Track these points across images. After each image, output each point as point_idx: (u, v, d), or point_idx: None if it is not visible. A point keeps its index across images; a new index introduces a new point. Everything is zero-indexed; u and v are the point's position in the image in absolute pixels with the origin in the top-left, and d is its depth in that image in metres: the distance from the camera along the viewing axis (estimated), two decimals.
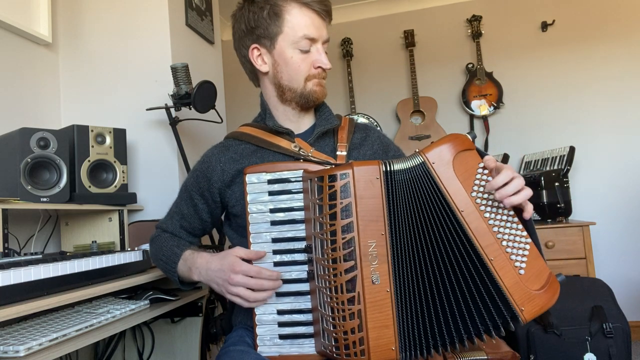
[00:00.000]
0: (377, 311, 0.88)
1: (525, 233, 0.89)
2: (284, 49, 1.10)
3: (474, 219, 0.88)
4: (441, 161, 0.90)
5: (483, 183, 0.90)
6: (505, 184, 0.87)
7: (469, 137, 0.94)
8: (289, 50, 1.10)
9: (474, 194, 0.89)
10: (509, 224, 0.90)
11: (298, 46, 1.09)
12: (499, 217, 0.89)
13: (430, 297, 0.89)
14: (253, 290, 0.96)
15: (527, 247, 0.89)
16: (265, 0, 1.09)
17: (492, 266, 0.86)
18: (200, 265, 1.05)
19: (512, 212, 0.90)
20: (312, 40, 1.10)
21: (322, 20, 1.11)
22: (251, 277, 0.96)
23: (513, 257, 0.88)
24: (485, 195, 0.90)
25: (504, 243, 0.88)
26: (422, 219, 0.90)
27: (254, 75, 1.20)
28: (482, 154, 0.92)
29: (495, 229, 0.89)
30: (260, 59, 1.15)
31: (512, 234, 0.89)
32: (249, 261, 0.99)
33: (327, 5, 1.11)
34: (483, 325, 0.87)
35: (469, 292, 0.87)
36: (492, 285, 0.86)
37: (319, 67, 1.11)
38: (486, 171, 0.90)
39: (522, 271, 0.88)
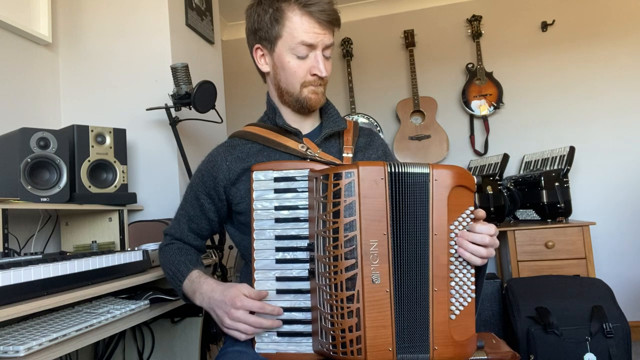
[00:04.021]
0: (376, 311, 0.88)
1: (473, 287, 0.94)
2: (282, 54, 1.10)
3: (439, 247, 0.92)
4: (442, 182, 0.93)
5: (465, 224, 0.94)
6: (483, 235, 0.92)
7: (476, 180, 0.98)
8: (286, 55, 1.10)
9: (452, 227, 0.93)
10: (465, 271, 0.94)
11: (295, 52, 1.09)
12: (460, 260, 0.94)
13: (411, 300, 0.91)
14: (252, 326, 0.96)
15: (469, 300, 0.93)
16: (270, 3, 1.09)
17: (432, 297, 0.91)
18: (205, 292, 1.05)
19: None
20: (311, 47, 1.09)
21: (323, 27, 1.09)
22: (253, 312, 0.96)
23: (453, 299, 0.92)
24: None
25: (452, 283, 0.93)
26: (410, 224, 0.92)
27: (260, 72, 1.21)
28: (475, 205, 0.97)
29: (452, 267, 0.93)
30: (263, 59, 1.16)
31: (462, 281, 0.93)
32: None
33: (331, 14, 1.08)
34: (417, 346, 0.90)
35: (416, 310, 0.91)
36: (425, 313, 0.91)
37: (315, 74, 1.10)
38: (472, 216, 0.94)
39: (453, 316, 0.92)
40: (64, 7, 2.15)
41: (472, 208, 0.94)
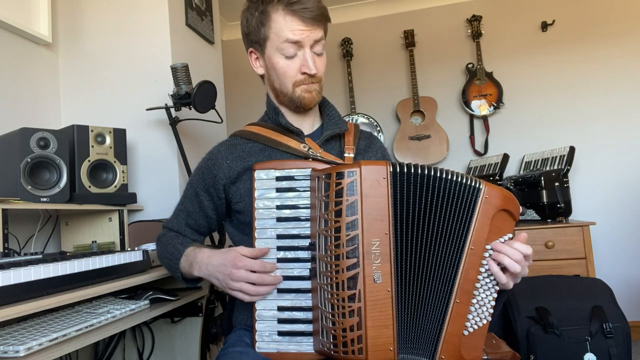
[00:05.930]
0: (377, 310, 0.88)
1: (492, 310, 0.95)
2: (272, 55, 1.11)
3: (471, 262, 0.93)
4: (492, 201, 0.94)
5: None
6: (518, 253, 0.92)
7: (520, 210, 0.99)
8: (275, 56, 1.10)
9: (488, 247, 0.94)
10: (488, 292, 0.94)
11: (283, 52, 1.09)
12: (487, 280, 0.94)
13: (423, 303, 0.92)
14: (255, 284, 0.96)
15: (485, 321, 0.94)
16: (256, 7, 1.10)
17: (452, 306, 0.92)
18: (201, 260, 1.05)
19: (497, 287, 0.95)
20: (297, 44, 1.08)
21: (308, 25, 1.07)
22: (254, 271, 0.96)
23: (470, 316, 0.93)
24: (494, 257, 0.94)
25: (474, 300, 0.93)
26: (435, 228, 0.92)
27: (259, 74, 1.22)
28: (514, 234, 0.98)
29: (478, 285, 0.94)
30: (257, 62, 1.18)
31: (484, 301, 0.94)
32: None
33: (314, 10, 1.07)
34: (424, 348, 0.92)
35: (429, 314, 0.92)
36: (441, 320, 0.91)
37: (304, 72, 1.10)
38: (509, 242, 0.95)
39: (466, 332, 0.93)
40: (64, 7, 2.15)
41: (510, 235, 0.95)
